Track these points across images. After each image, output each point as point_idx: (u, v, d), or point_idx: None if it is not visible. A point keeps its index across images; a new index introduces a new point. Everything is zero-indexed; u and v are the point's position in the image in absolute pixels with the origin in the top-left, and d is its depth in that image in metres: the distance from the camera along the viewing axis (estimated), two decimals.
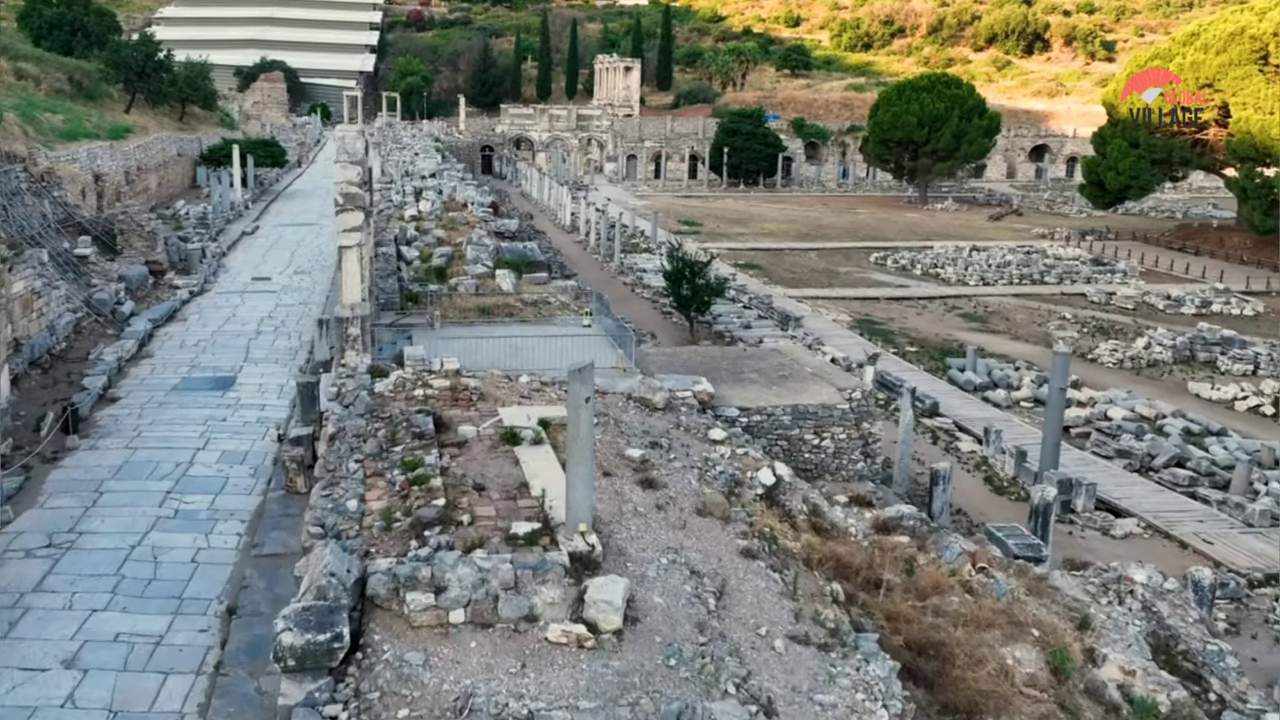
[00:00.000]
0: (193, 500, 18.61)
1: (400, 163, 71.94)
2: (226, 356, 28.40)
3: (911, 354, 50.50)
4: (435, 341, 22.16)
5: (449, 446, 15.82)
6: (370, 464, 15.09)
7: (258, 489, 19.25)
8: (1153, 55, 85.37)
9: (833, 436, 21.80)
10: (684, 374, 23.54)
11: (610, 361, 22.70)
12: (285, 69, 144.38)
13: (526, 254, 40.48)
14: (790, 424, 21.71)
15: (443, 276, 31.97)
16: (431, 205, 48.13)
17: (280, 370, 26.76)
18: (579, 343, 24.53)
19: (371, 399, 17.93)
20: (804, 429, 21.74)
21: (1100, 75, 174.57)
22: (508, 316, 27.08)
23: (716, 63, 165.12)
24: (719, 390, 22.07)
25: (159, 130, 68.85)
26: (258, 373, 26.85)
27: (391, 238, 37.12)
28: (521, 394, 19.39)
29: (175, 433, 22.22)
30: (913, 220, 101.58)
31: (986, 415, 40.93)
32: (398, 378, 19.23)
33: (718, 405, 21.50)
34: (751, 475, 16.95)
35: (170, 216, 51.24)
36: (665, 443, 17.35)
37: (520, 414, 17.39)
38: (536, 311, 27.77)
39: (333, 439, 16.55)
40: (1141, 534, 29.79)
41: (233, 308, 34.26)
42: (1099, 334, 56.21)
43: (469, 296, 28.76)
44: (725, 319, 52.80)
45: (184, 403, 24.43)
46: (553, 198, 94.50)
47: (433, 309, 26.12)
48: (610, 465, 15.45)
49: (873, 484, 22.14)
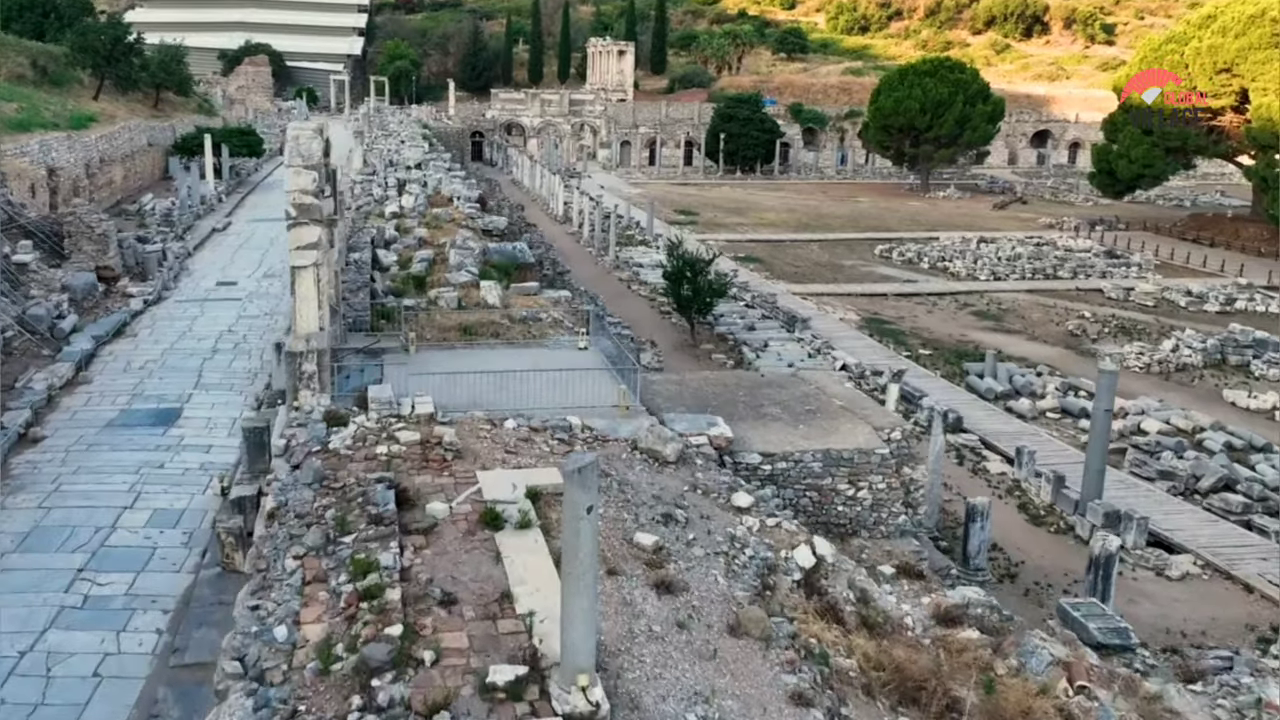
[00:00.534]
0: (108, 581, 15.47)
1: (385, 151, 68.54)
2: (175, 382, 25.08)
3: (926, 358, 47.45)
4: (407, 376, 19.00)
5: (414, 533, 12.71)
6: (312, 562, 11.96)
7: (189, 564, 16.11)
8: (1167, 39, 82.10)
9: (870, 486, 18.72)
10: (695, 409, 20.43)
11: (610, 396, 19.57)
12: (270, 52, 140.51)
13: (516, 255, 37.26)
14: (821, 472, 18.62)
15: (422, 286, 28.74)
16: (415, 200, 44.84)
17: (234, 399, 23.49)
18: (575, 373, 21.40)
19: (323, 462, 14.80)
20: (837, 478, 18.66)
21: (1101, 59, 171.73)
22: (493, 337, 23.90)
23: (712, 46, 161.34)
24: (738, 431, 18.97)
25: (129, 118, 65.38)
26: (208, 403, 23.58)
27: (368, 240, 33.84)
28: (507, 446, 16.27)
29: (101, 485, 19.00)
30: (915, 209, 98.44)
31: (1012, 429, 37.95)
32: (358, 429, 16.12)
33: (737, 450, 18.42)
34: (786, 556, 13.89)
35: (135, 213, 47.97)
36: (682, 515, 14.27)
37: (504, 482, 14.28)
38: (526, 330, 24.58)
39: (271, 516, 13.45)
40: (1200, 574, 26.84)
41: (190, 320, 30.90)
42: (1121, 334, 53.21)
43: (450, 312, 25.52)
44: (728, 320, 49.68)
45: (118, 443, 21.19)
46: (544, 186, 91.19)
47: (408, 329, 22.94)
48: (616, 558, 12.38)
49: (915, 539, 19.06)
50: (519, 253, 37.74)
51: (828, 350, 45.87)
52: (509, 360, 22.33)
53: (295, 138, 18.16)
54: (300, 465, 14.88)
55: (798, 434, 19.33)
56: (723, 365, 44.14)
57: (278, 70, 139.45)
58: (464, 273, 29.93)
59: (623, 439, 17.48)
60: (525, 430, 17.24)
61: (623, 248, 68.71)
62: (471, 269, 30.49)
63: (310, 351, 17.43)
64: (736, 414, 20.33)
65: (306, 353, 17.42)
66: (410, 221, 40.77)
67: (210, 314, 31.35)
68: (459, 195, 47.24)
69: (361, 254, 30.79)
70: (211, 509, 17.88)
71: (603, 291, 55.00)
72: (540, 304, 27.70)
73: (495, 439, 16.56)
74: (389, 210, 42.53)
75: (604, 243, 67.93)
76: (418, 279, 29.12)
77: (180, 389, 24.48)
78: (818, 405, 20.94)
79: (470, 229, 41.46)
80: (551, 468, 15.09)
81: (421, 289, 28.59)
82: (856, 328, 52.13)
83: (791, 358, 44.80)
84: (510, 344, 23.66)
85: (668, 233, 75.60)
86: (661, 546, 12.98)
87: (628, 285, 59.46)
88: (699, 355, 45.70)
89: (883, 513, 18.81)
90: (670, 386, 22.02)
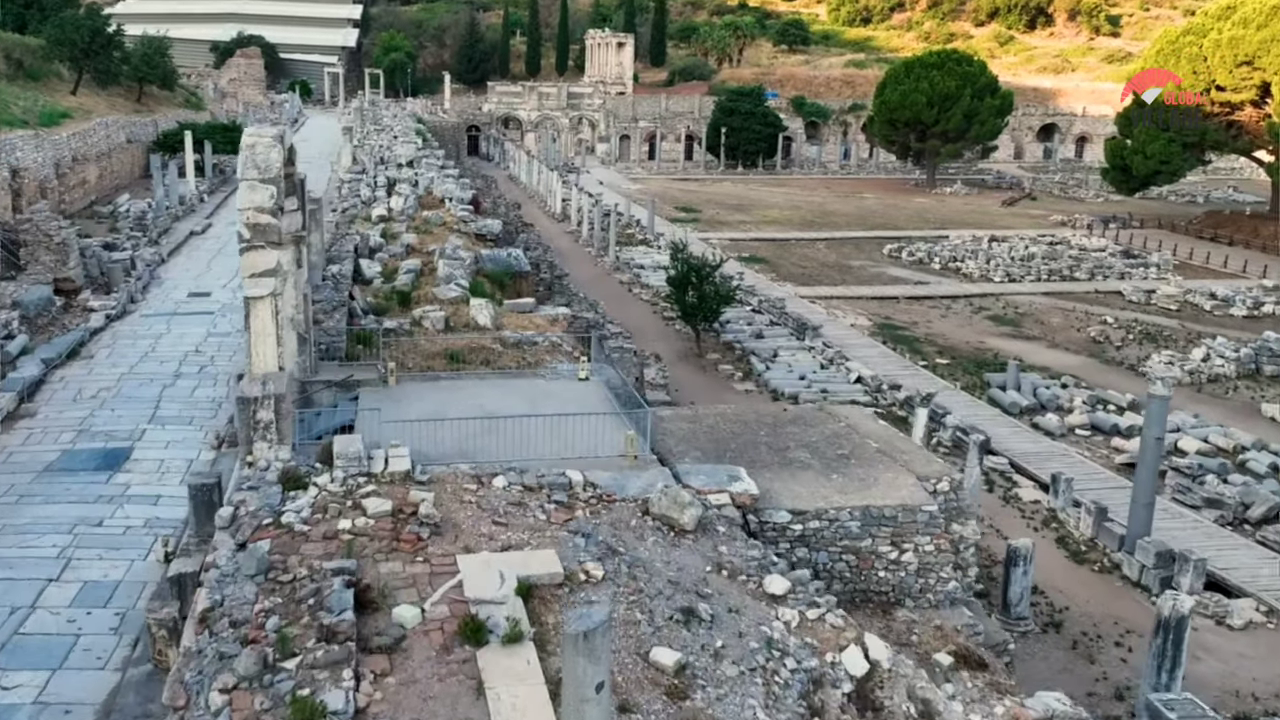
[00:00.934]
0: (15, 685, 12.91)
1: (376, 148, 65.91)
2: (129, 414, 22.40)
3: (943, 368, 44.97)
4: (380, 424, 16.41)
5: (375, 652, 10.19)
6: (243, 699, 9.39)
7: (117, 658, 13.57)
8: (1185, 31, 79.50)
9: (916, 549, 16.20)
10: (712, 454, 17.93)
11: (616, 442, 17.02)
12: (263, 44, 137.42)
13: (511, 264, 34.70)
14: (859, 532, 16.10)
15: (407, 302, 26.16)
16: (404, 202, 42.23)
17: (193, 436, 20.82)
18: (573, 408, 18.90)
19: (273, 542, 12.27)
20: (878, 539, 16.14)
21: (1106, 51, 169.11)
22: (483, 365, 21.34)
23: (712, 38, 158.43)
24: (762, 481, 16.46)
25: (110, 113, 62.74)
26: (162, 441, 20.94)
27: (350, 248, 31.27)
28: (495, 514, 13.75)
29: (26, 550, 16.39)
30: (922, 206, 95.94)
31: (1041, 448, 35.50)
32: (319, 494, 13.62)
33: (763, 508, 15.90)
34: (834, 661, 11.42)
35: (108, 215, 45.34)
36: (706, 611, 11.77)
37: (490, 571, 11.74)
38: (520, 356, 22.02)
39: (203, 621, 10.94)
40: (1265, 622, 24.38)
41: (155, 337, 28.21)
42: (1146, 341, 50.73)
43: (436, 335, 22.96)
44: (734, 327, 47.19)
45: (53, 494, 18.55)
46: (542, 183, 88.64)
47: (386, 358, 20.38)
48: (629, 685, 9.90)
49: (968, 611, 16.53)
50: (514, 260, 35.20)
51: (841, 361, 43.39)
52: (500, 395, 19.80)
53: (250, 146, 15.61)
54: (247, 544, 12.37)
55: (831, 486, 16.80)
56: (730, 377, 41.69)
57: (271, 63, 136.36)
58: (453, 286, 27.35)
59: (631, 499, 14.97)
60: (517, 490, 14.72)
61: (623, 247, 66.21)
62: (461, 282, 27.92)
63: (267, 397, 14.91)
64: (759, 459, 17.81)
65: (262, 398, 14.90)
66: (398, 226, 38.19)
67: (178, 330, 28.69)
68: (451, 196, 44.63)
69: (342, 266, 28.24)
70: (152, 580, 15.33)
71: (603, 296, 52.48)
72: (536, 324, 25.13)
73: (482, 503, 14.05)
74: (375, 214, 39.94)
75: (603, 242, 65.43)
76: (402, 294, 26.53)
77: (134, 423, 21.81)
78: (851, 448, 18.40)
79: (462, 234, 38.90)
80: (548, 549, 12.57)
81: (406, 306, 26.02)
82: (869, 334, 49.67)
83: (803, 369, 42.31)
84: (502, 373, 21.08)
85: (669, 231, 73.11)
86: (684, 666, 10.49)
87: (628, 288, 56.95)
88: (705, 366, 43.24)
89: (930, 578, 16.29)
90: (682, 424, 19.47)
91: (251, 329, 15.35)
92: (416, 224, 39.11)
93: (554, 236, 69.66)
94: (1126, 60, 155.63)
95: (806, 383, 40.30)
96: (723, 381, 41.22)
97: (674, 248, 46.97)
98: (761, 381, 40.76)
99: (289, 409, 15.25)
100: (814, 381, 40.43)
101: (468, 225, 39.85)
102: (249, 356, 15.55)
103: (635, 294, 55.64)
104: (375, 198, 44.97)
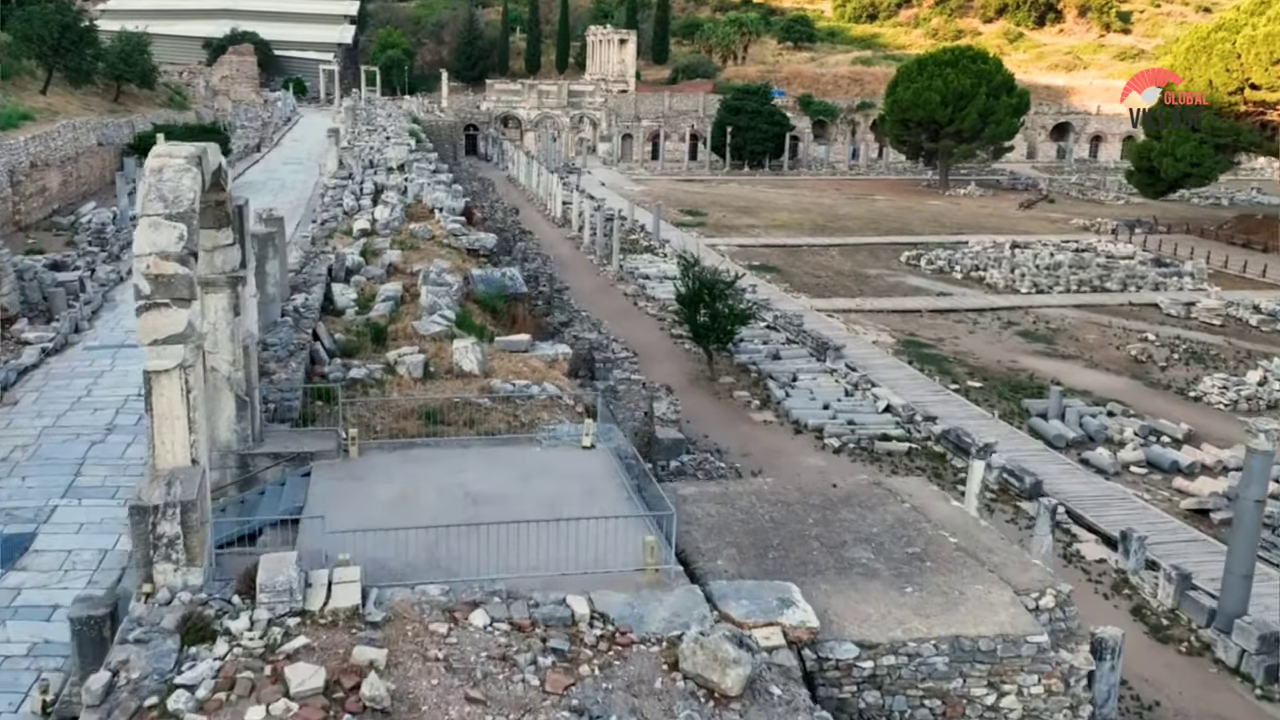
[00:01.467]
0: None
1: (366, 150, 62.24)
2: (41, 484, 18.38)
3: (976, 392, 41.31)
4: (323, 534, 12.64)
5: None
6: None
7: None
8: (1216, 26, 75.75)
9: (1019, 690, 12.53)
10: (750, 550, 14.28)
11: (630, 546, 13.30)
12: (257, 41, 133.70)
13: (505, 285, 31.01)
14: (947, 670, 12.42)
15: (382, 339, 22.45)
16: (391, 212, 38.50)
17: (114, 515, 16.77)
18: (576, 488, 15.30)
19: None
20: (970, 678, 12.47)
21: (1118, 48, 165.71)
22: (467, 426, 17.67)
23: (716, 34, 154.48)
24: (819, 596, 12.80)
25: (83, 114, 59.02)
26: (75, 522, 17.04)
27: (323, 271, 27.55)
28: (470, 682, 10.04)
29: None
30: (937, 209, 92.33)
31: (1096, 491, 31.83)
32: (229, 654, 9.98)
33: (822, 641, 12.22)
34: None
35: (68, 226, 41.60)
36: None
37: None
38: (510, 414, 18.30)
39: None
40: None
41: (94, 376, 24.34)
42: (1193, 360, 47.05)
43: (412, 385, 19.26)
44: (749, 346, 43.56)
45: None
46: (542, 185, 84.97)
47: (347, 423, 16.70)
48: None
49: None
50: (509, 281, 31.51)
51: (866, 386, 39.71)
52: (486, 468, 16.12)
53: (156, 171, 11.91)
54: None
55: (906, 603, 13.11)
56: (746, 405, 38.01)
57: (265, 60, 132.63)
58: (437, 319, 23.65)
59: (653, 638, 11.29)
60: (503, 630, 11.03)
61: (627, 255, 62.59)
62: (447, 313, 24.21)
63: (171, 505, 11.24)
64: (811, 561, 14.12)
65: (165, 507, 11.24)
66: (381, 241, 34.49)
67: (123, 367, 24.82)
68: (442, 206, 40.91)
69: (309, 295, 24.54)
70: None
71: (606, 311, 48.87)
72: (532, 366, 21.40)
73: (453, 660, 10.35)
74: (358, 227, 36.23)
75: (606, 249, 61.81)
76: (377, 329, 22.82)
77: (45, 495, 17.88)
78: (923, 543, 14.71)
79: (452, 249, 35.24)
80: None
81: (381, 343, 22.31)
82: (893, 353, 46.02)
83: (826, 396, 38.60)
84: (489, 438, 17.33)
85: (676, 237, 69.46)
86: None
87: (633, 301, 53.31)
88: (718, 391, 39.56)
89: None
90: (711, 508, 15.75)
91: (154, 412, 11.67)
92: (402, 238, 35.45)
93: (554, 243, 66.07)
94: (1139, 58, 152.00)
95: (831, 412, 36.69)
96: (738, 410, 37.60)
97: (684, 263, 43.32)
98: (781, 411, 37.14)
99: (200, 519, 11.55)
100: (839, 411, 36.82)
101: (459, 239, 36.16)
102: (150, 448, 11.87)
103: (641, 308, 52.02)
104: (360, 207, 41.29)
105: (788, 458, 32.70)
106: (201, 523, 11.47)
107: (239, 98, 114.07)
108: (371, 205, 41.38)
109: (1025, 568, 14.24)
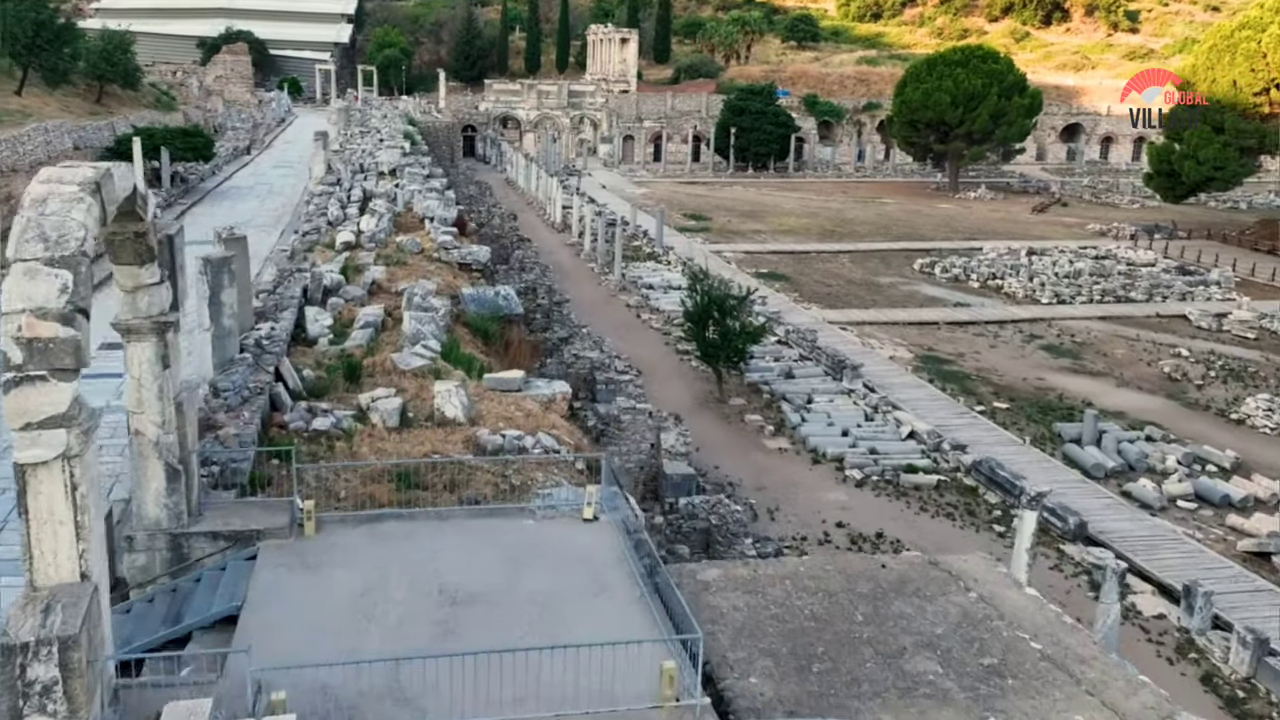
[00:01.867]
0: None
1: (357, 154, 59.51)
2: None
3: (1003, 413, 38.67)
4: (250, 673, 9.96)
5: None
6: None
7: None
8: (1240, 25, 73.12)
9: None
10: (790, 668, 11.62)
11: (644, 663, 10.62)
12: (252, 40, 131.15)
13: (499, 306, 28.34)
14: None
15: (356, 376, 19.76)
16: (378, 223, 35.84)
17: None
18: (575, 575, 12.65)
19: None
20: None
21: (1127, 47, 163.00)
22: (448, 490, 15.03)
23: (719, 34, 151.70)
24: None
25: (60, 116, 56.45)
26: None
27: (296, 293, 24.87)
28: None
29: None
30: (948, 213, 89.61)
31: (1144, 530, 29.16)
32: None
33: None
34: None
35: None
36: None
37: None
38: (499, 476, 15.65)
39: None
40: None
41: None
42: (1231, 378, 44.37)
43: (386, 436, 16.60)
44: (760, 363, 40.89)
45: None
46: (541, 189, 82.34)
47: (301, 494, 14.03)
48: None
49: None
50: (503, 301, 28.86)
51: (887, 408, 37.04)
52: (469, 549, 13.45)
53: (40, 201, 9.26)
54: None
55: None
56: (760, 430, 35.35)
57: (260, 59, 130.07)
58: (420, 349, 20.97)
59: None
60: None
61: (629, 263, 59.93)
62: (431, 342, 21.54)
63: (45, 642, 8.59)
64: (865, 677, 11.45)
65: (37, 645, 8.58)
66: (365, 255, 31.83)
67: None
68: (433, 215, 38.26)
69: (277, 323, 21.86)
70: None
71: (608, 324, 46.12)
72: (526, 410, 18.68)
73: None
74: (341, 239, 33.57)
75: (608, 256, 59.11)
76: (351, 365, 20.12)
77: None
78: (1001, 651, 12.02)
79: (443, 263, 32.59)
80: None
81: (355, 381, 19.62)
82: (911, 369, 43.35)
83: (845, 420, 35.90)
84: (473, 508, 14.64)
85: (679, 243, 66.82)
86: None
87: (636, 313, 50.63)
88: (728, 415, 36.89)
89: None
90: (739, 600, 13.07)
91: (29, 516, 9.05)
92: (389, 251, 32.80)
93: (553, 250, 63.38)
94: (1149, 57, 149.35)
95: (851, 440, 34.03)
96: (750, 437, 34.95)
97: (692, 276, 40.62)
98: (797, 438, 34.51)
99: (90, 654, 8.89)
100: (859, 439, 34.17)
101: (450, 253, 33.50)
102: (25, 561, 9.22)
103: (644, 321, 49.35)
104: (345, 217, 38.64)
105: (806, 492, 30.09)
106: (89, 661, 8.79)
107: (232, 98, 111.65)
108: (358, 214, 38.74)
109: (1133, 687, 11.54)
